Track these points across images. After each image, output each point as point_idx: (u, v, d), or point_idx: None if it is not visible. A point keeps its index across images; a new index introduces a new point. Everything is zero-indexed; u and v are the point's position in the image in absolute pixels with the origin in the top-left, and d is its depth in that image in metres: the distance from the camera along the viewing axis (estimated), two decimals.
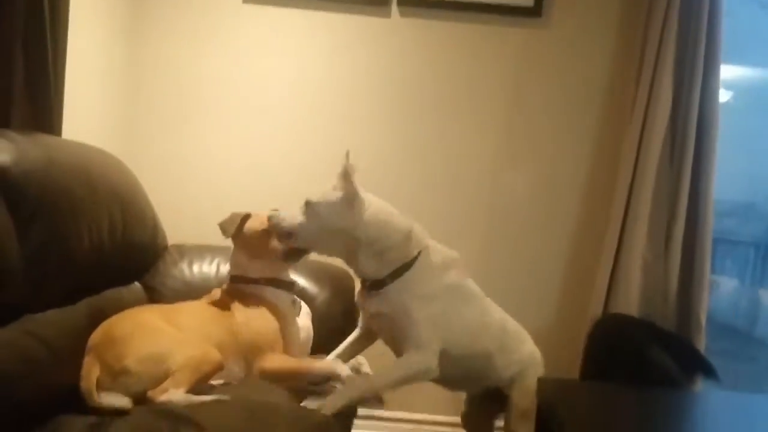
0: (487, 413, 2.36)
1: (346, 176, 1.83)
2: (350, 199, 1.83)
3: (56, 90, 2.00)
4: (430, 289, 1.90)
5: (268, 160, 2.92)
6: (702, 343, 2.70)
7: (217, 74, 2.90)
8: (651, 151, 2.65)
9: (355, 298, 2.07)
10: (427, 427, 2.98)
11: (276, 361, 1.93)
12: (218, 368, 1.80)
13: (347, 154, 1.87)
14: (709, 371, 2.39)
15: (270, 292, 2.06)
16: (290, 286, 2.14)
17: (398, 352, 1.95)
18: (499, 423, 2.30)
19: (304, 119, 2.92)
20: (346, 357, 2.09)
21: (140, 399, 1.65)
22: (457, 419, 2.49)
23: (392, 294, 1.89)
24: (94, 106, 2.66)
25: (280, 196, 2.11)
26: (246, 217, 2.10)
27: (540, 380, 1.86)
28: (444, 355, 1.90)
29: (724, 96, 2.78)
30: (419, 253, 1.92)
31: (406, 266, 1.90)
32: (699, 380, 2.45)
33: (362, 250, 1.86)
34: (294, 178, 2.85)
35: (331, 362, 1.96)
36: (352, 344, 2.11)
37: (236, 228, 2.08)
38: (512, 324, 2.15)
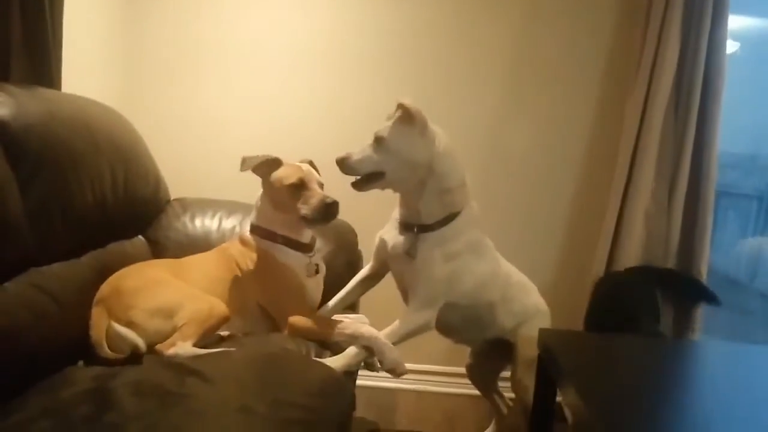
0: (491, 365, 2.39)
1: (413, 110, 1.81)
2: (423, 129, 1.82)
3: (55, 43, 1.98)
4: (457, 247, 1.92)
5: (269, 113, 2.90)
6: None
7: (218, 27, 2.86)
8: (658, 102, 2.63)
9: (381, 234, 2.06)
10: (429, 378, 3.04)
11: (303, 323, 1.93)
12: (225, 321, 1.82)
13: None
14: (710, 298, 2.46)
15: (283, 252, 2.03)
16: (307, 248, 2.09)
17: (405, 294, 2.02)
18: (504, 374, 2.34)
19: (303, 72, 2.89)
20: (353, 296, 2.14)
21: (147, 351, 1.67)
22: (458, 369, 2.53)
23: (427, 244, 1.91)
24: (94, 60, 2.63)
25: (281, 148, 2.10)
26: (275, 161, 2.02)
27: (541, 330, 1.88)
28: (451, 307, 1.96)
29: (730, 47, 2.73)
30: (463, 209, 1.94)
31: (452, 216, 1.92)
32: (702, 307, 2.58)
33: (430, 185, 1.86)
34: (294, 130, 2.86)
35: (358, 326, 1.93)
36: (358, 284, 2.15)
37: (259, 169, 2.00)
38: (517, 276, 2.17)
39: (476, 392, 2.55)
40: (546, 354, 1.80)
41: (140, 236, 2.28)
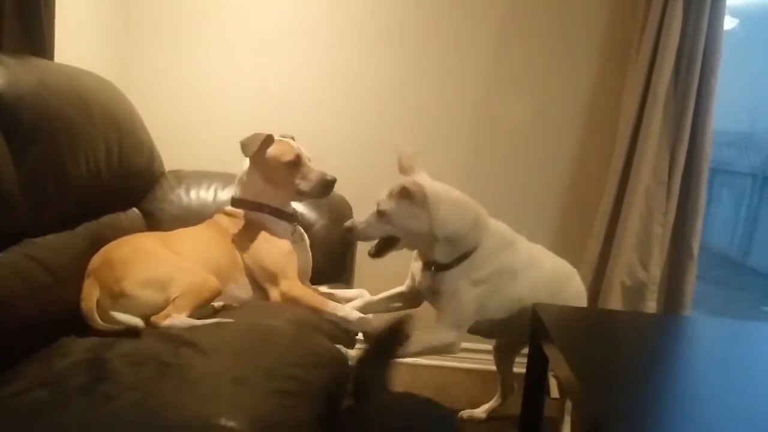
0: (519, 343, 2.40)
1: (411, 189, 1.84)
2: (423, 203, 1.85)
3: (47, 12, 1.95)
4: (482, 274, 1.96)
5: (265, 86, 2.87)
6: (693, 272, 2.73)
7: None
8: (662, 77, 2.59)
9: (414, 277, 2.11)
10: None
11: (298, 290, 1.97)
12: (216, 294, 1.84)
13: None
14: None
15: (270, 221, 2.07)
16: (291, 218, 2.15)
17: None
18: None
19: (300, 43, 2.85)
20: (380, 307, 2.14)
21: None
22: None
23: (450, 276, 1.96)
24: (87, 30, 2.60)
25: (278, 122, 2.09)
26: (268, 138, 2.06)
27: (533, 305, 1.90)
28: (490, 324, 2.04)
29: (729, 23, 2.71)
30: (480, 244, 1.97)
31: (469, 253, 1.95)
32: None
33: (439, 242, 1.92)
34: (292, 103, 2.83)
35: (350, 311, 1.97)
36: (391, 298, 2.17)
37: (257, 149, 2.05)
38: (561, 267, 2.19)
39: (468, 366, 2.56)
40: (538, 328, 1.82)
41: (134, 208, 2.27)
